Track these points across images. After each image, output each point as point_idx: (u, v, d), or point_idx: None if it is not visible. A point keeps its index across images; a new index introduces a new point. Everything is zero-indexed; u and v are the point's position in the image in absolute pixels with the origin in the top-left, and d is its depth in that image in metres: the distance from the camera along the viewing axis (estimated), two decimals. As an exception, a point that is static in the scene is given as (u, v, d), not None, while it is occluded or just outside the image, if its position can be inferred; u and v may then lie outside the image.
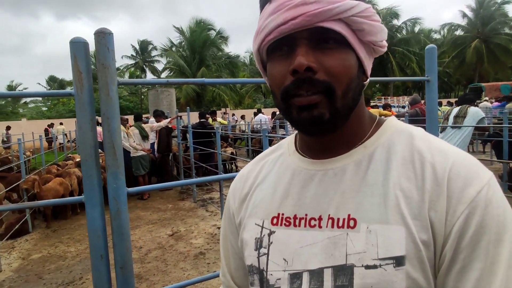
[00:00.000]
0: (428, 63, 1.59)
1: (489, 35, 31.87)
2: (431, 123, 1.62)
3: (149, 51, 39.56)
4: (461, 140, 4.51)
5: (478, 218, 0.49)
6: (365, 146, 0.61)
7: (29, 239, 5.17)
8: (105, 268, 1.06)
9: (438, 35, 39.37)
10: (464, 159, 0.54)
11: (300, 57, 0.53)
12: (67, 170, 6.65)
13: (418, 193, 0.53)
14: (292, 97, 0.55)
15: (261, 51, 0.60)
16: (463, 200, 0.50)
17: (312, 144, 0.65)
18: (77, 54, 0.97)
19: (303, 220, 0.60)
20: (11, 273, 4.05)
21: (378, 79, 1.90)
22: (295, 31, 0.54)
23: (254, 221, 0.66)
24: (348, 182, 0.58)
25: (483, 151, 10.67)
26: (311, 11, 0.52)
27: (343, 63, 0.55)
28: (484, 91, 19.48)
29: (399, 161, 0.57)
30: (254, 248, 0.64)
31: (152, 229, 5.26)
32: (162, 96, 12.54)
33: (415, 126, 0.63)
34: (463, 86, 38.36)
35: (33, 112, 34.64)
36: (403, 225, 0.52)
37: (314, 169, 0.63)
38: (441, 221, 0.51)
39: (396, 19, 32.44)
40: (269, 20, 0.55)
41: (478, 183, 0.51)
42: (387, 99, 21.56)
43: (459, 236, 0.50)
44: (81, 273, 3.91)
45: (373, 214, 0.55)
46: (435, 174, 0.53)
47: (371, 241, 0.53)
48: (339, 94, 0.55)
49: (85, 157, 1.00)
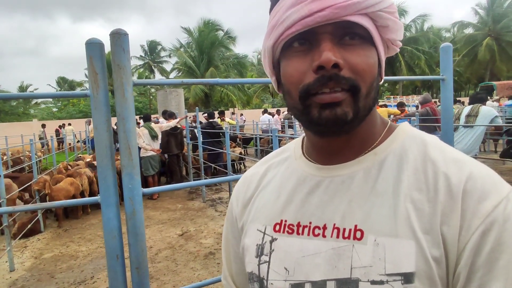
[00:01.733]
0: (443, 61, 1.56)
1: (501, 32, 31.40)
2: (446, 123, 1.59)
3: (157, 51, 39.81)
4: (473, 139, 4.44)
5: (495, 234, 0.46)
6: (376, 152, 0.58)
7: (41, 239, 5.23)
8: (121, 269, 1.06)
9: (448, 33, 38.90)
10: (481, 170, 0.51)
11: (327, 52, 0.49)
12: (78, 170, 6.72)
13: (430, 206, 0.50)
14: (313, 95, 0.52)
15: (275, 47, 0.56)
16: (478, 214, 0.47)
17: (320, 148, 0.62)
18: (92, 55, 0.98)
19: (307, 228, 0.57)
20: (24, 272, 4.11)
21: (393, 78, 1.86)
22: (319, 25, 0.50)
23: (256, 227, 0.64)
24: (356, 190, 0.55)
25: (495, 150, 10.51)
26: (340, 3, 0.49)
27: (368, 61, 0.52)
28: (496, 89, 19.19)
29: (411, 170, 0.54)
30: (255, 255, 0.61)
31: (162, 229, 5.28)
32: (170, 97, 12.61)
33: (428, 134, 0.60)
34: (474, 84, 37.83)
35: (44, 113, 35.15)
36: (413, 240, 0.49)
37: (321, 175, 0.60)
38: (454, 237, 0.48)
39: (404, 17, 32.14)
40: (291, 12, 0.51)
41: (496, 197, 0.47)
42: (396, 98, 21.36)
43: (475, 254, 0.46)
44: (92, 273, 3.95)
45: (382, 226, 0.51)
46: (449, 186, 0.50)
47: (378, 255, 0.50)
48: (364, 92, 0.52)
49: (101, 157, 1.01)
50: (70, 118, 27.70)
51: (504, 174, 7.38)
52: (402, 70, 29.55)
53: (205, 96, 28.09)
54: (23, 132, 13.76)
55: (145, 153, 7.09)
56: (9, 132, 15.31)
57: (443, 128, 1.62)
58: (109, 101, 1.01)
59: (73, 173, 6.47)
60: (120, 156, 1.03)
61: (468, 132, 4.42)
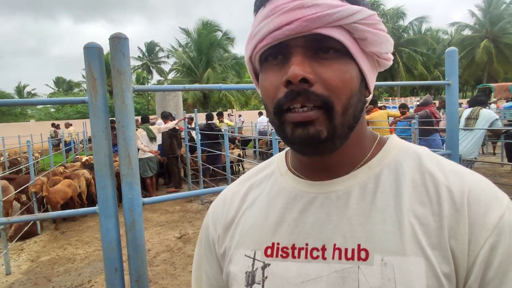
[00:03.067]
0: (448, 66, 1.54)
1: (498, 34, 31.54)
2: (452, 128, 1.57)
3: (156, 52, 39.78)
4: (472, 142, 4.43)
5: (504, 246, 0.45)
6: (369, 166, 0.55)
7: (38, 241, 5.18)
8: (120, 282, 1.02)
9: (446, 35, 39.06)
10: (481, 182, 0.50)
11: (294, 67, 0.47)
12: (76, 172, 6.67)
13: (435, 220, 0.48)
14: (286, 112, 0.49)
15: (253, 59, 0.54)
16: (486, 227, 0.46)
17: (308, 164, 0.58)
18: (91, 60, 0.94)
19: (303, 250, 0.53)
20: (20, 275, 4.06)
21: (399, 83, 1.85)
22: (290, 38, 0.48)
23: (244, 252, 0.58)
24: (355, 207, 0.52)
25: (493, 152, 10.53)
26: (308, 16, 0.47)
27: (343, 76, 0.49)
28: (493, 91, 19.25)
29: (409, 184, 0.51)
30: (245, 284, 0.56)
31: (160, 231, 5.24)
32: (169, 98, 12.55)
33: (419, 146, 0.58)
34: (472, 86, 37.98)
35: (41, 114, 34.97)
36: (422, 257, 0.47)
37: (314, 191, 0.56)
38: (463, 251, 0.46)
39: (403, 19, 32.26)
40: (262, 25, 0.50)
41: (499, 208, 0.47)
42: (395, 99, 21.40)
43: (485, 267, 0.45)
44: (89, 276, 3.90)
45: (387, 244, 0.49)
46: (453, 198, 0.48)
47: (387, 276, 0.47)
48: (339, 110, 0.49)
49: (99, 166, 0.97)
50: (68, 118, 27.60)
51: (503, 177, 7.39)
52: (400, 72, 29.64)
53: (204, 97, 28.06)
54: (20, 133, 13.68)
55: (143, 155, 7.05)
56: (6, 132, 15.21)
57: (449, 132, 1.60)
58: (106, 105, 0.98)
59: (71, 174, 6.42)
60: (119, 165, 0.99)
61: (468, 135, 4.41)
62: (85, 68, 0.95)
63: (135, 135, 0.99)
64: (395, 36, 30.84)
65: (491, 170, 7.99)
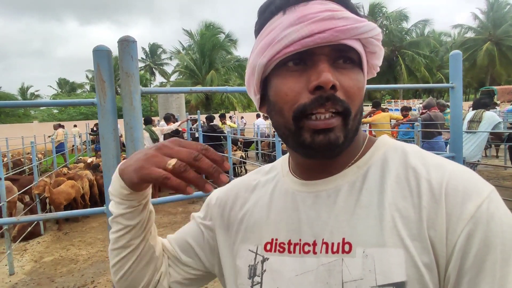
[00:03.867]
0: (452, 69, 1.54)
1: (501, 37, 31.47)
2: (455, 130, 1.58)
3: (158, 54, 39.91)
4: (475, 145, 4.42)
5: (480, 235, 0.46)
6: (358, 165, 0.58)
7: (41, 242, 5.21)
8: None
9: (448, 37, 39.00)
10: (461, 172, 0.51)
11: (326, 73, 0.50)
12: (79, 173, 6.70)
13: (415, 212, 0.50)
14: (307, 118, 0.52)
15: (268, 65, 0.55)
16: (463, 216, 0.47)
17: (305, 165, 0.61)
18: (100, 63, 0.96)
19: (298, 246, 0.57)
20: (23, 275, 4.08)
21: (403, 86, 1.87)
22: (317, 46, 0.51)
23: (248, 247, 0.63)
24: (342, 204, 0.55)
25: (496, 155, 10.49)
26: (339, 27, 0.50)
27: (358, 85, 0.54)
28: (496, 94, 19.20)
29: (393, 179, 0.54)
30: (248, 277, 0.60)
31: (163, 233, 5.23)
32: (171, 99, 12.59)
33: (409, 144, 0.60)
34: (475, 89, 37.90)
35: (45, 115, 35.12)
36: (402, 248, 0.49)
37: (307, 191, 0.60)
38: (441, 241, 0.47)
39: (406, 22, 32.26)
40: (290, 31, 0.51)
41: (478, 198, 0.47)
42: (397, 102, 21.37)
43: (462, 256, 0.46)
44: (92, 277, 3.92)
45: (369, 237, 0.51)
46: (432, 190, 0.50)
47: (368, 267, 0.50)
48: (353, 116, 0.53)
49: (108, 167, 0.98)
50: (71, 120, 27.71)
51: (506, 180, 7.37)
52: (403, 74, 29.60)
53: (206, 99, 28.11)
54: (24, 134, 13.74)
55: (146, 156, 7.06)
56: (9, 133, 15.29)
57: (452, 135, 1.61)
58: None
59: (74, 175, 6.45)
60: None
61: (471, 138, 4.40)
62: (94, 71, 0.96)
63: (142, 136, 1.00)
64: (397, 39, 30.85)
65: (494, 173, 7.96)
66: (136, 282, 0.68)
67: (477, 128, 4.46)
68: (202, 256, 0.71)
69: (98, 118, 0.98)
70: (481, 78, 34.70)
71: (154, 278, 0.70)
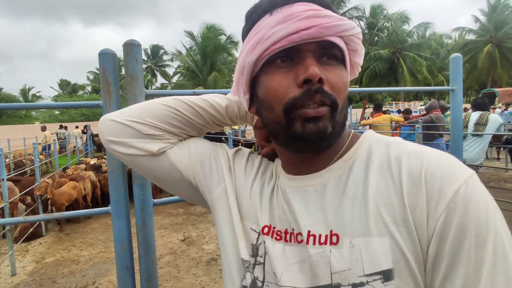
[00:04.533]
0: (453, 72, 1.56)
1: (502, 39, 31.44)
2: (456, 133, 1.59)
3: (160, 55, 39.96)
4: (480, 147, 4.42)
5: (457, 219, 0.47)
6: (344, 160, 0.60)
7: (43, 243, 5.22)
8: (131, 280, 1.05)
9: (449, 39, 38.98)
10: (439, 158, 0.52)
11: (313, 67, 0.52)
12: (81, 174, 6.72)
13: (398, 198, 0.51)
14: (297, 109, 0.54)
15: (257, 63, 0.58)
16: (441, 201, 0.48)
17: (294, 160, 0.64)
18: (105, 66, 0.97)
19: (293, 235, 0.59)
20: (25, 276, 4.09)
21: (404, 89, 1.88)
22: (303, 43, 0.54)
23: (250, 225, 0.65)
24: (329, 197, 0.57)
25: (497, 157, 10.48)
26: (324, 24, 0.54)
27: (342, 80, 0.57)
28: (498, 96, 19.18)
29: (376, 169, 0.55)
30: (251, 254, 0.62)
31: (164, 234, 5.27)
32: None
33: (392, 137, 0.62)
34: (476, 91, 37.85)
35: (46, 116, 35.15)
36: (387, 235, 0.50)
37: (295, 185, 0.62)
38: (423, 226, 0.49)
39: (407, 23, 32.25)
40: (277, 29, 0.54)
41: (455, 182, 0.48)
42: (398, 104, 21.37)
43: (439, 241, 0.47)
44: (94, 278, 3.93)
45: (355, 227, 0.52)
46: (412, 177, 0.51)
47: (355, 257, 0.51)
48: (339, 109, 0.56)
49: (113, 168, 1.00)
50: (73, 121, 27.73)
51: (507, 182, 7.36)
52: (405, 76, 29.58)
53: (207, 100, 28.07)
54: (26, 135, 13.76)
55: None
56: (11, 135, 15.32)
57: (453, 138, 1.62)
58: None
59: (76, 176, 6.46)
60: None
61: (476, 141, 4.39)
62: (100, 73, 0.98)
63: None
64: (398, 41, 30.85)
65: (495, 175, 7.95)
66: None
67: (483, 131, 4.45)
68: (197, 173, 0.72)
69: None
70: (482, 80, 34.64)
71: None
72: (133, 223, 1.06)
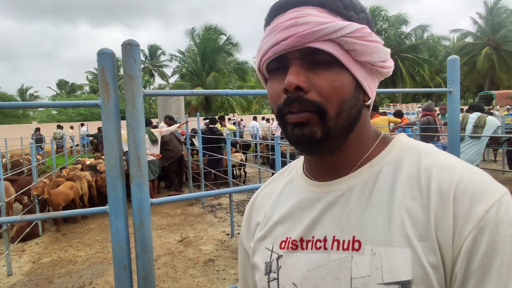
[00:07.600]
0: (450, 74, 1.56)
1: (500, 42, 31.60)
2: (453, 135, 1.60)
3: (157, 56, 39.89)
4: (477, 149, 4.45)
5: (487, 239, 0.46)
6: (372, 164, 0.59)
7: (40, 243, 5.20)
8: (128, 280, 1.05)
9: (447, 41, 39.12)
10: (472, 174, 0.52)
11: (290, 76, 0.54)
12: (78, 174, 6.70)
13: (424, 213, 0.51)
14: (287, 114, 0.56)
15: (262, 70, 0.62)
16: (470, 219, 0.48)
17: (316, 166, 0.65)
18: (104, 65, 0.97)
19: (310, 242, 0.60)
20: (21, 276, 4.07)
21: (402, 91, 1.89)
22: (287, 52, 0.55)
23: (265, 245, 0.66)
24: (354, 203, 0.57)
25: (494, 160, 10.52)
26: (300, 32, 0.54)
27: (333, 84, 0.55)
28: (495, 99, 19.28)
29: (405, 179, 0.55)
30: (264, 273, 0.64)
31: (161, 235, 5.26)
32: (171, 101, 12.59)
33: (425, 143, 0.61)
34: (473, 93, 38.00)
35: (43, 116, 35.00)
36: (409, 248, 0.50)
37: (321, 191, 0.62)
38: (448, 242, 0.49)
39: (405, 25, 32.37)
40: (265, 41, 0.58)
41: (487, 201, 0.48)
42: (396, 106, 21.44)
43: (468, 259, 0.47)
44: (91, 278, 3.92)
45: (377, 236, 0.53)
46: (441, 192, 0.51)
47: (375, 265, 0.52)
48: (332, 114, 0.55)
49: (110, 167, 1.00)
50: (70, 121, 27.65)
51: (504, 184, 7.31)
52: (404, 78, 29.66)
53: (206, 100, 28.11)
54: (23, 135, 13.72)
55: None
56: (8, 134, 15.27)
57: (450, 140, 1.63)
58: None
59: (73, 176, 6.44)
60: (129, 166, 1.02)
61: (474, 142, 4.43)
62: (98, 73, 0.98)
63: (144, 138, 1.02)
64: (396, 43, 30.95)
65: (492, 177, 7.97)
66: None
67: (481, 133, 4.48)
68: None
69: (101, 120, 1.00)
70: (480, 83, 34.80)
71: None
72: (131, 223, 1.07)
